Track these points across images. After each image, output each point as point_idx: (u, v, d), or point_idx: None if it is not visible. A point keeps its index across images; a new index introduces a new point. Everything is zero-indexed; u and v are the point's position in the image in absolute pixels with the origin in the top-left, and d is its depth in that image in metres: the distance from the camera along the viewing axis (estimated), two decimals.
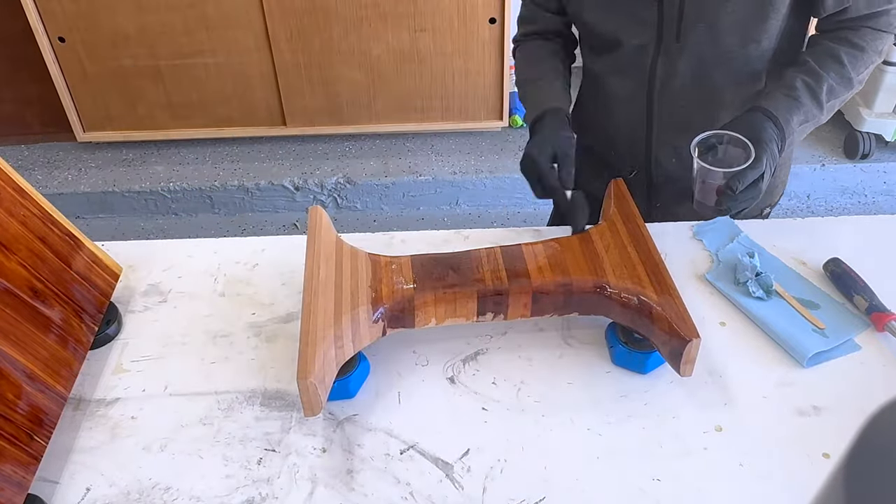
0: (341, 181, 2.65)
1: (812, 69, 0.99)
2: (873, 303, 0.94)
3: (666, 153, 1.14)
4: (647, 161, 1.16)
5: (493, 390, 0.88)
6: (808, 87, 0.98)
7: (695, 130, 0.98)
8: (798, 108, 0.97)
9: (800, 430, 0.82)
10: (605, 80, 1.14)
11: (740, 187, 0.91)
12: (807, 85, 0.98)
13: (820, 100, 0.98)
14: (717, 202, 0.94)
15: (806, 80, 0.98)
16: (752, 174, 0.91)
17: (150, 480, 0.79)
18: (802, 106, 0.97)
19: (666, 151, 1.14)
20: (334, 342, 0.81)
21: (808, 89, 0.97)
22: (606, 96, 1.15)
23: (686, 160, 1.10)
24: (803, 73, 0.99)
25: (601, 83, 1.15)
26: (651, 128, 1.12)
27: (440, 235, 1.11)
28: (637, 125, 1.13)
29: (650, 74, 1.07)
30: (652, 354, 0.87)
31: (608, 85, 1.14)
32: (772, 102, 0.97)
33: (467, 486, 0.78)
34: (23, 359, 0.78)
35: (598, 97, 1.17)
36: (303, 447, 0.82)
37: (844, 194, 2.70)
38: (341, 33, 2.46)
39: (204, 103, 2.65)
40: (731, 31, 1.00)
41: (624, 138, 1.17)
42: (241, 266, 1.07)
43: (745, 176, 0.91)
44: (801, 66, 1.00)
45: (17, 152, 2.82)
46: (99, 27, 2.45)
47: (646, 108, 1.11)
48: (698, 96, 1.07)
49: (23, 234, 0.84)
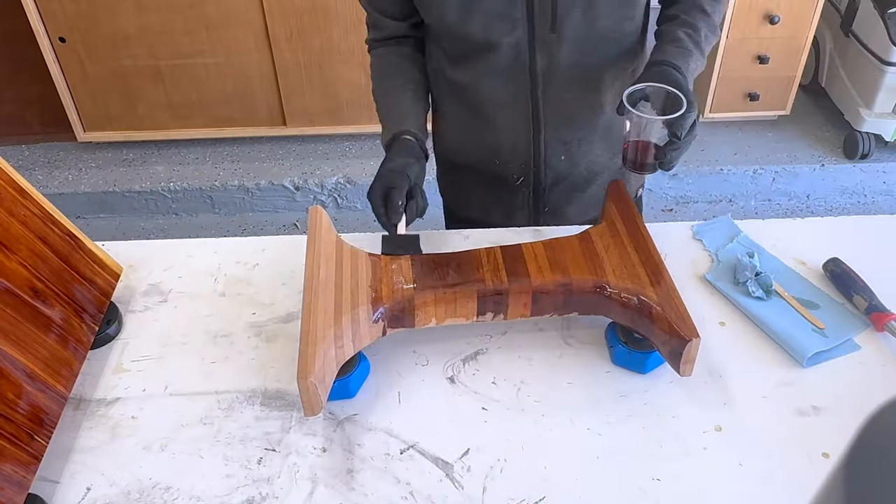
0: (341, 181, 2.65)
1: (687, 21, 1.02)
2: (873, 303, 0.94)
3: (555, 150, 1.11)
4: (536, 163, 1.12)
5: (493, 390, 0.88)
6: (690, 37, 1.01)
7: (581, 120, 1.00)
8: (689, 57, 1.00)
9: (799, 430, 0.82)
10: (476, 89, 1.08)
11: (683, 132, 0.91)
12: (689, 36, 1.01)
13: (701, 47, 1.02)
14: (655, 155, 0.94)
15: (687, 31, 1.01)
16: (691, 117, 0.91)
17: (151, 480, 0.79)
18: (692, 54, 1.00)
19: (554, 149, 1.11)
20: (334, 342, 0.81)
21: (691, 39, 1.01)
22: (481, 105, 1.09)
23: (574, 154, 1.10)
24: (681, 25, 1.02)
25: (471, 92, 1.08)
26: (538, 127, 1.08)
27: (440, 235, 1.11)
28: (521, 128, 1.09)
29: (530, 71, 1.03)
30: (652, 354, 0.87)
31: (482, 92, 1.07)
32: (667, 55, 0.99)
33: (467, 486, 0.78)
34: (23, 358, 0.78)
35: (468, 109, 1.11)
36: (303, 447, 0.82)
37: (844, 194, 2.70)
38: (341, 33, 2.46)
39: (204, 103, 2.65)
40: (606, 11, 1.00)
41: (507, 145, 1.12)
42: (242, 266, 1.07)
43: (685, 120, 0.90)
44: (674, 20, 1.03)
45: (18, 152, 2.82)
46: (99, 27, 2.45)
47: (530, 107, 1.07)
48: (581, 84, 1.05)
49: (23, 234, 0.84)
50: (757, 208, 2.64)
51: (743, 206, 2.64)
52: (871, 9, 2.47)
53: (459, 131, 1.16)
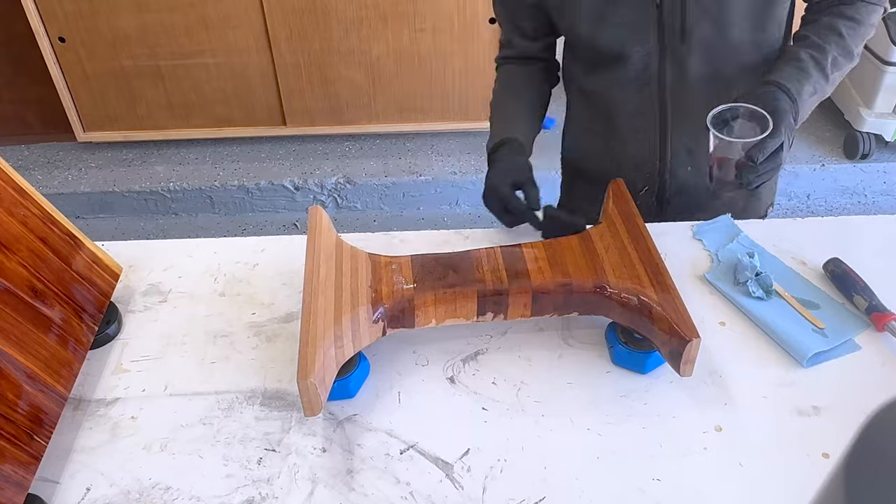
0: (341, 181, 2.65)
1: (815, 43, 0.99)
2: (873, 303, 0.94)
3: (681, 161, 1.12)
4: (661, 174, 1.14)
5: (492, 390, 0.88)
6: (814, 59, 0.98)
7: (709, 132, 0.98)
8: (807, 80, 0.97)
9: (800, 430, 0.82)
10: (607, 98, 1.10)
11: (761, 158, 0.90)
12: (812, 58, 0.98)
13: (826, 72, 0.98)
14: (736, 175, 0.94)
15: (812, 52, 0.98)
16: (773, 143, 0.91)
17: (150, 480, 0.79)
18: (811, 77, 0.97)
19: (681, 159, 1.12)
20: (334, 342, 0.81)
21: (815, 62, 0.98)
22: (609, 114, 1.11)
23: (701, 165, 1.09)
24: (807, 46, 0.99)
25: (602, 102, 1.11)
26: (665, 138, 1.10)
27: (440, 235, 1.11)
28: (648, 138, 1.10)
29: (659, 82, 1.05)
30: (652, 354, 0.87)
31: (612, 101, 1.10)
32: (782, 75, 0.97)
33: (467, 486, 0.78)
34: (23, 359, 0.78)
35: (598, 117, 1.14)
36: (303, 447, 0.82)
37: (844, 194, 2.70)
38: (341, 33, 2.46)
39: (204, 103, 2.65)
40: (737, 21, 0.99)
41: (632, 155, 1.13)
42: (241, 266, 1.07)
43: (765, 146, 0.90)
44: (804, 40, 1.00)
45: (18, 152, 2.82)
46: (99, 27, 2.45)
47: (658, 118, 1.08)
48: (711, 95, 1.05)
49: (23, 234, 0.84)
50: None
51: None
52: None
53: (589, 139, 1.18)
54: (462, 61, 2.56)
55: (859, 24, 1.00)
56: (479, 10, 2.44)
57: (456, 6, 2.43)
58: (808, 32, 1.01)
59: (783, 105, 0.94)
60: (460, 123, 2.73)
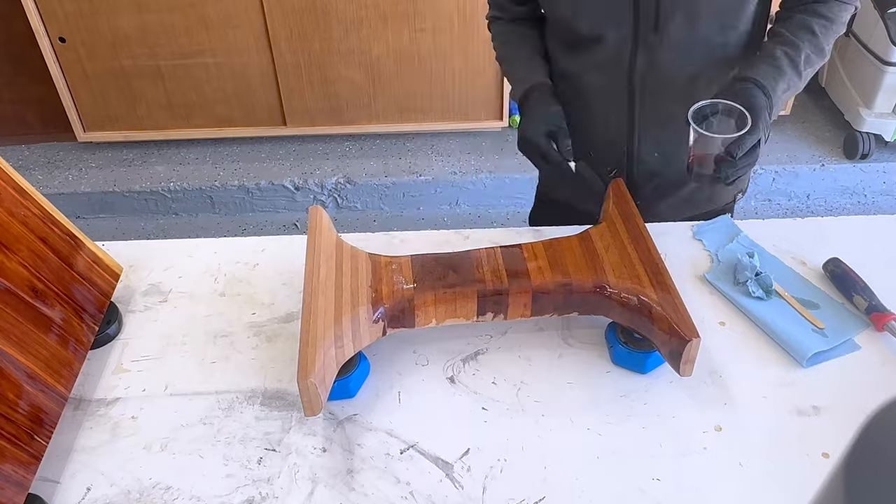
0: (341, 181, 2.65)
1: (789, 40, 1.01)
2: (873, 303, 0.94)
3: (648, 148, 1.13)
4: (629, 158, 1.15)
5: (492, 390, 0.88)
6: (788, 56, 1.00)
7: (677, 122, 0.99)
8: (782, 77, 0.99)
9: (799, 430, 0.82)
10: (581, 79, 1.12)
11: (740, 153, 0.92)
12: (787, 55, 1.00)
13: (799, 69, 1.00)
14: (715, 170, 0.95)
15: (786, 49, 1.00)
16: (751, 139, 0.92)
17: (151, 480, 0.79)
18: (785, 74, 0.99)
19: (648, 147, 1.13)
20: (334, 342, 0.81)
21: (789, 59, 1.00)
22: (583, 95, 1.13)
23: (668, 153, 1.11)
24: (782, 43, 1.01)
25: (576, 82, 1.13)
26: (633, 123, 1.11)
27: (440, 235, 1.11)
28: (618, 122, 1.12)
29: (630, 68, 1.06)
30: (652, 354, 0.87)
31: (585, 83, 1.12)
32: (758, 72, 0.98)
33: (467, 486, 0.78)
34: (23, 359, 0.78)
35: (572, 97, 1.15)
36: (303, 447, 0.82)
37: (844, 194, 2.70)
38: (341, 33, 2.46)
39: (204, 103, 2.65)
40: (709, 17, 1.01)
41: (603, 137, 1.15)
42: (242, 266, 1.07)
43: (744, 142, 0.92)
44: (779, 37, 1.02)
45: (18, 152, 2.82)
46: (99, 27, 2.45)
47: (627, 104, 1.10)
48: (679, 87, 1.07)
49: (23, 234, 0.84)
50: (757, 208, 2.64)
51: (743, 206, 2.64)
52: (871, 9, 2.47)
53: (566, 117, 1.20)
54: (462, 61, 2.56)
55: (832, 23, 1.02)
56: (479, 10, 2.44)
57: (456, 6, 2.43)
58: (783, 29, 1.03)
59: (760, 102, 0.96)
60: (460, 123, 2.73)
